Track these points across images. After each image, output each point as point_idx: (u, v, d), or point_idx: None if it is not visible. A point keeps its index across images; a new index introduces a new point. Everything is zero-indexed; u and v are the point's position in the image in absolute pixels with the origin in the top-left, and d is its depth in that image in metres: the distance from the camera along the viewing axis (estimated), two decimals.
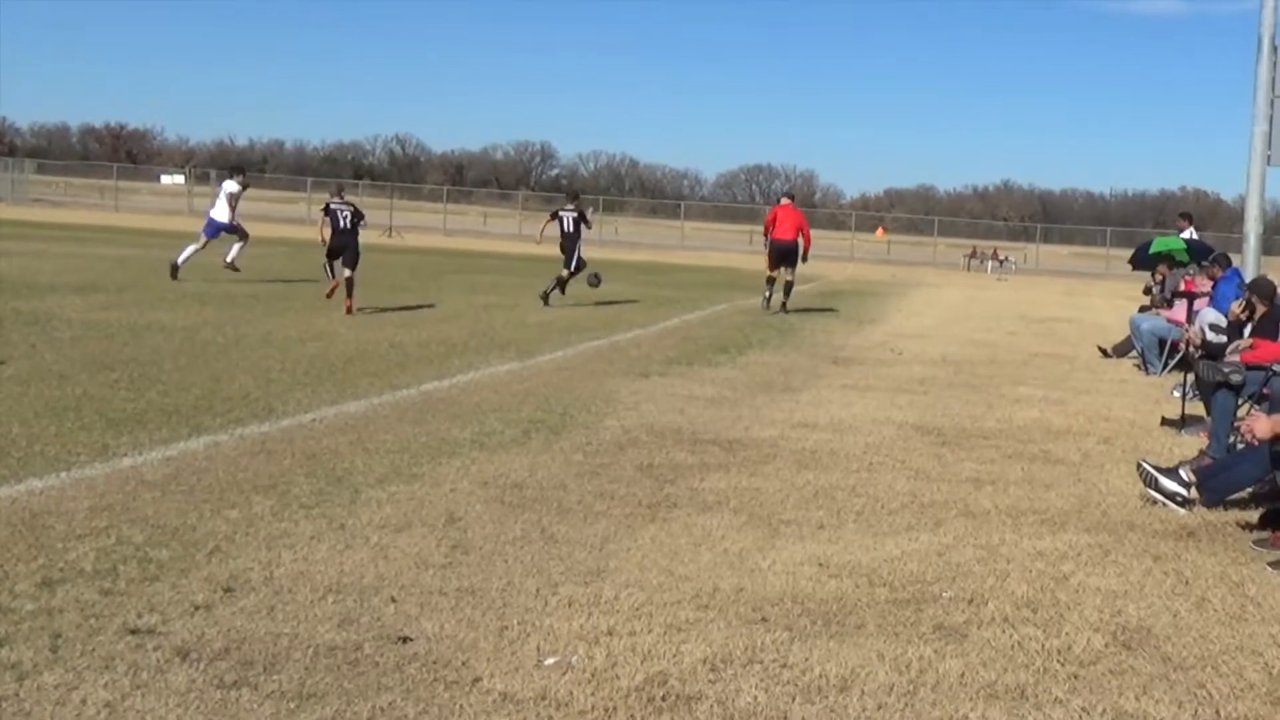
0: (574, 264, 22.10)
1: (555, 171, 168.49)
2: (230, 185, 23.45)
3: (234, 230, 22.84)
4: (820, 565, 6.43)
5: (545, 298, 21.54)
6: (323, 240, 18.84)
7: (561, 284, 22.06)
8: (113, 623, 4.96)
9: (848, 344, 18.39)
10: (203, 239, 22.76)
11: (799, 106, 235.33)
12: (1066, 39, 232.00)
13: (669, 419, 10.59)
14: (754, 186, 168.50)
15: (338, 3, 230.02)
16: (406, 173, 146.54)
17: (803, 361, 15.67)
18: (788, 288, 23.59)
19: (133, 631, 4.88)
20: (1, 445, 7.94)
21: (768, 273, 23.72)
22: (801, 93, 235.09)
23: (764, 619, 5.51)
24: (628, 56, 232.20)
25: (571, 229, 22.33)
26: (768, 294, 23.48)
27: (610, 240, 59.24)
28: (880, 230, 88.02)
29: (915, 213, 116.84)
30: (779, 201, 24.66)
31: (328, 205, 19.06)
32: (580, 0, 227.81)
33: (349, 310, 17.65)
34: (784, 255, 23.41)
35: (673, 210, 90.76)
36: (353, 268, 18.37)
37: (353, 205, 19.29)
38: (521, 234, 64.54)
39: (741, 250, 58.48)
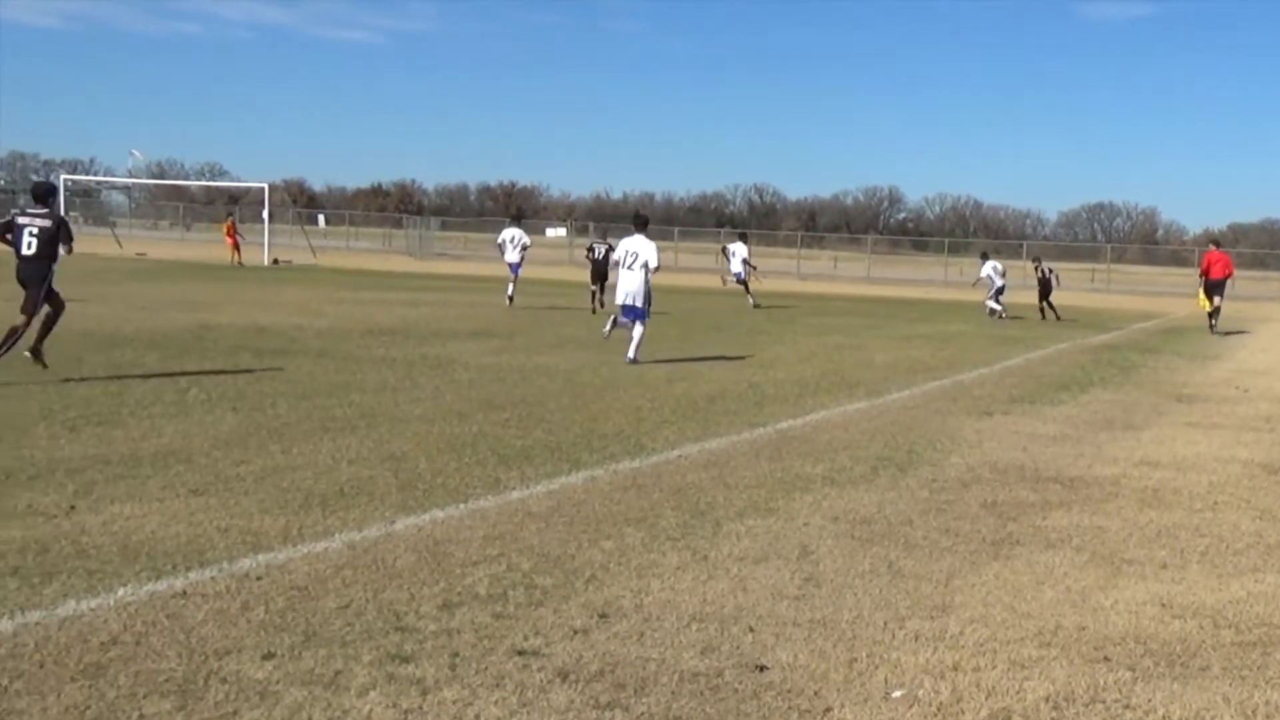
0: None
1: (902, 215, 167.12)
2: None
3: None
4: (1163, 605, 6.12)
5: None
6: None
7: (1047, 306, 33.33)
8: (503, 644, 5.16)
9: (1191, 381, 17.47)
10: None
11: (1140, 142, 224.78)
12: None
13: (1012, 456, 10.29)
14: (1095, 225, 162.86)
15: (700, 65, 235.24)
16: (764, 219, 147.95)
17: (1145, 399, 14.97)
18: (1218, 312, 29.31)
19: (520, 653, 5.06)
20: (410, 479, 8.39)
21: (1206, 306, 29.65)
22: (1143, 128, 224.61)
23: (1106, 658, 5.28)
24: (970, 98, 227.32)
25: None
26: (1213, 322, 29.34)
27: (954, 281, 58.09)
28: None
29: (1260, 247, 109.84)
30: (1208, 248, 31.51)
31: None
32: (925, 45, 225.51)
33: None
34: (1217, 289, 29.47)
35: (1015, 250, 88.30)
36: None
37: None
38: (870, 276, 64.19)
39: (1084, 289, 56.30)
